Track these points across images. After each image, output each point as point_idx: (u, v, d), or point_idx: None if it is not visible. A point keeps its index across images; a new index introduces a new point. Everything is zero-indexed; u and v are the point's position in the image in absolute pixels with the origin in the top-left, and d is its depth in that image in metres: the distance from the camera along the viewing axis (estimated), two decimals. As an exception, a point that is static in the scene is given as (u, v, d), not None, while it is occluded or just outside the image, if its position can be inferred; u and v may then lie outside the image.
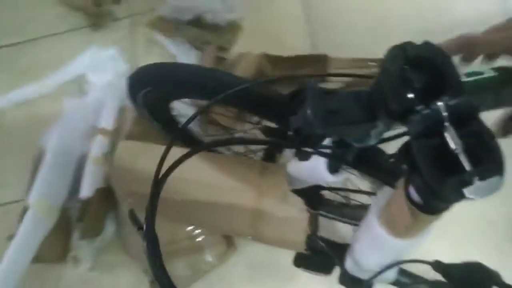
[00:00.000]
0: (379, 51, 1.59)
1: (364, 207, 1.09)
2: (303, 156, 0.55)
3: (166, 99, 0.93)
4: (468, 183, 0.39)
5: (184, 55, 1.49)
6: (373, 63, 1.37)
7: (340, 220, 1.15)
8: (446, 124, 0.42)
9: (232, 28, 1.53)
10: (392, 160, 0.46)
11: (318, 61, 1.40)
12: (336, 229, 1.24)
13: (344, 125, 0.49)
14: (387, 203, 0.52)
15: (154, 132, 1.25)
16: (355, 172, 0.84)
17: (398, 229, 0.50)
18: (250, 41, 1.53)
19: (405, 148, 0.44)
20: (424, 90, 0.43)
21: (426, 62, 0.44)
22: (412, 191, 0.44)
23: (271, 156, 0.96)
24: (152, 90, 0.85)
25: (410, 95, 0.43)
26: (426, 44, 0.45)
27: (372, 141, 0.54)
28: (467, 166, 0.39)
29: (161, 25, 1.53)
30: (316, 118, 0.48)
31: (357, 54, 1.42)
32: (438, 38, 1.62)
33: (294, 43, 1.51)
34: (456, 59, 0.56)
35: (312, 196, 0.91)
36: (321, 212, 1.10)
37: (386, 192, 0.52)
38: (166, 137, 1.19)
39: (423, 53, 0.44)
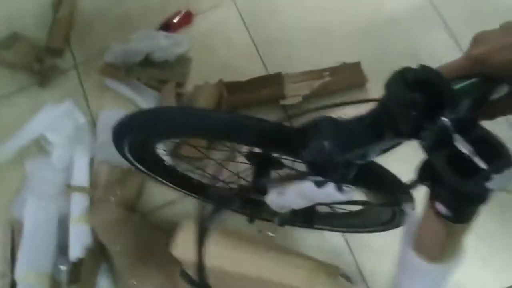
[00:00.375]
0: (325, 59, 1.68)
1: (351, 215, 1.15)
2: (322, 184, 0.59)
3: (153, 142, 0.94)
4: (489, 178, 0.45)
5: (141, 96, 1.49)
6: (327, 73, 1.44)
7: (331, 230, 1.21)
8: (454, 134, 0.48)
9: (182, 62, 1.56)
10: (412, 186, 0.51)
11: (274, 80, 1.45)
12: (326, 239, 1.30)
13: (357, 150, 0.54)
14: (417, 230, 0.56)
15: (134, 174, 1.26)
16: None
17: (434, 252, 0.54)
18: (202, 71, 1.55)
19: (423, 168, 0.49)
20: (427, 108, 0.49)
21: (425, 82, 0.49)
22: (440, 206, 0.49)
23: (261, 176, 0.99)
24: (140, 136, 0.86)
25: (418, 116, 0.48)
26: (422, 67, 0.50)
27: (373, 157, 0.59)
28: (482, 165, 0.46)
29: (111, 71, 1.53)
30: (334, 149, 0.53)
31: (307, 66, 1.50)
32: (375, 37, 1.74)
33: (245, 66, 1.55)
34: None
35: (309, 213, 0.96)
36: (317, 226, 1.15)
37: (412, 221, 0.57)
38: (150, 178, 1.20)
39: (420, 76, 0.50)
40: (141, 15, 1.67)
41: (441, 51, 1.52)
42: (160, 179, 1.20)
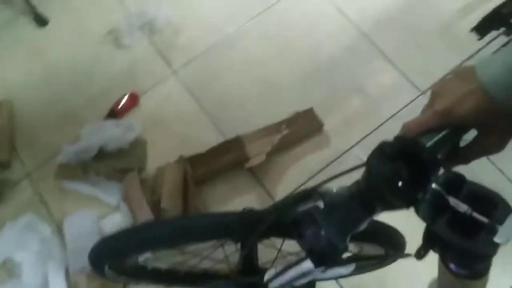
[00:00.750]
0: (279, 111, 1.67)
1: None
2: (325, 269, 0.58)
3: (134, 257, 0.90)
4: (494, 231, 0.45)
5: (103, 191, 1.44)
6: (284, 125, 1.45)
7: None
8: (447, 197, 0.48)
9: (138, 146, 1.52)
10: (421, 254, 0.50)
11: (234, 144, 1.44)
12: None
13: (353, 229, 0.53)
14: None
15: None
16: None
17: None
18: (160, 151, 1.52)
19: (427, 236, 0.49)
20: (413, 177, 0.49)
21: (403, 153, 0.49)
22: (453, 267, 0.48)
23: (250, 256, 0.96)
24: (120, 257, 0.82)
25: (406, 187, 0.48)
26: (397, 138, 0.50)
27: (364, 226, 0.58)
28: (483, 220, 0.46)
29: (67, 172, 1.47)
30: (331, 235, 0.52)
31: (263, 122, 1.50)
32: (320, 79, 1.74)
33: (202, 137, 1.53)
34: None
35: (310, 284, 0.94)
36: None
37: (432, 283, 0.56)
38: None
39: (398, 147, 0.50)
40: (85, 108, 1.64)
41: (385, 79, 1.56)
42: (145, 283, 1.14)
